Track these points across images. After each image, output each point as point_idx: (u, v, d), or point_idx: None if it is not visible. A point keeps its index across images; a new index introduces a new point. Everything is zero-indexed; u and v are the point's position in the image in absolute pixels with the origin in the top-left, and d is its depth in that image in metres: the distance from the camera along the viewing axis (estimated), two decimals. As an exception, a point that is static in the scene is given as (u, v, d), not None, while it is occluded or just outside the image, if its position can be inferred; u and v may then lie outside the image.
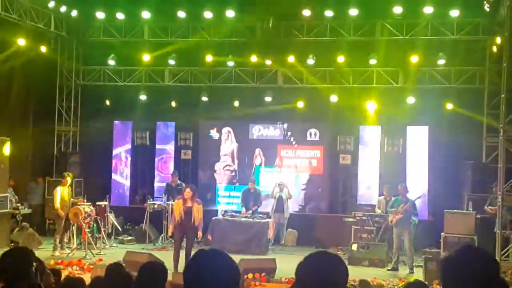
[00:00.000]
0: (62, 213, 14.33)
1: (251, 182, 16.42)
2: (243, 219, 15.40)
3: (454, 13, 15.35)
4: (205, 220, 15.38)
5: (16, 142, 16.15)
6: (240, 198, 16.36)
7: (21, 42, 15.42)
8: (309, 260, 2.77)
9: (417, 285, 4.77)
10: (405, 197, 13.64)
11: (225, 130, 18.13)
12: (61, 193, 14.42)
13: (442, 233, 14.49)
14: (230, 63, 17.20)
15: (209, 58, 17.08)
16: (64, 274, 11.48)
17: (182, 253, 12.16)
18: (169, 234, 13.64)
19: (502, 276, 10.94)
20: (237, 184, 17.45)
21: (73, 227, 14.76)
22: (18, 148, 16.27)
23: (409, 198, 13.75)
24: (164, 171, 18.16)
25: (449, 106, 16.28)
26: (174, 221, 12.36)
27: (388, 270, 13.48)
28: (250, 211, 15.77)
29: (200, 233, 12.49)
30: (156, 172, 18.32)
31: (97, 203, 15.56)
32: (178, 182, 16.42)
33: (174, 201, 13.66)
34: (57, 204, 14.36)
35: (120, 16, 16.96)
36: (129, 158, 18.61)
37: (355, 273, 12.21)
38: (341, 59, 16.30)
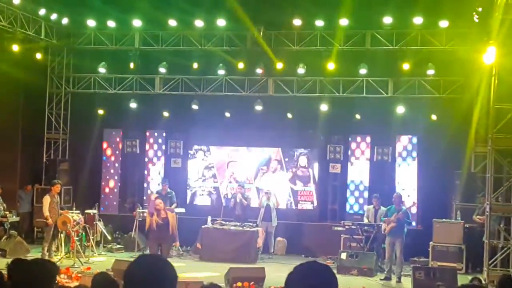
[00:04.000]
0: (51, 221, 14.28)
1: (239, 187, 16.53)
2: (232, 227, 15.39)
3: (444, 23, 15.45)
4: (195, 228, 15.44)
5: (5, 149, 16.09)
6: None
7: (13, 48, 15.40)
8: (298, 270, 2.79)
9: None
10: (399, 206, 13.63)
11: (213, 148, 18.15)
12: (50, 201, 14.38)
13: (430, 242, 14.55)
14: (221, 72, 17.23)
15: (199, 66, 17.08)
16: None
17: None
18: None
19: (490, 286, 10.99)
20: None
21: (62, 235, 14.69)
22: (7, 155, 16.20)
23: (403, 207, 13.77)
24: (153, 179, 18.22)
25: (438, 117, 16.36)
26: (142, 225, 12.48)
27: (381, 279, 13.47)
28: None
29: (177, 243, 12.47)
30: (145, 179, 18.34)
31: (86, 211, 15.51)
32: (168, 190, 16.42)
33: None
34: (46, 212, 14.31)
35: (111, 24, 16.97)
36: (119, 166, 18.58)
37: (344, 282, 12.24)
38: (331, 66, 16.36)
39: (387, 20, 15.55)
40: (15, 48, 15.47)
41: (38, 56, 16.71)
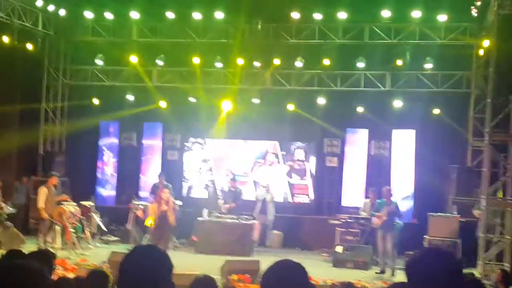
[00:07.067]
0: (45, 215, 14.22)
1: (231, 180, 16.49)
2: (228, 220, 15.37)
3: (442, 17, 15.44)
4: (191, 221, 15.42)
5: (2, 141, 16.05)
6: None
7: (10, 40, 15.35)
8: (271, 270, 2.85)
9: (399, 286, 4.81)
10: (389, 199, 13.65)
11: (208, 141, 18.10)
12: (47, 193, 14.33)
13: (425, 236, 14.55)
14: (218, 65, 17.18)
15: (197, 59, 17.03)
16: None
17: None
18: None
19: (485, 280, 10.98)
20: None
21: (58, 227, 14.65)
22: (3, 147, 16.16)
23: (393, 200, 13.78)
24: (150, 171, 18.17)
25: (436, 111, 16.34)
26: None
27: (377, 273, 13.46)
28: (227, 206, 15.83)
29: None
30: (142, 171, 18.30)
31: (82, 202, 15.47)
32: (165, 183, 16.37)
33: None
34: (40, 203, 14.26)
35: (108, 16, 16.91)
36: (115, 158, 18.55)
37: (339, 275, 12.26)
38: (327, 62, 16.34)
39: (386, 13, 15.53)
40: (12, 40, 15.41)
41: (35, 47, 16.63)
